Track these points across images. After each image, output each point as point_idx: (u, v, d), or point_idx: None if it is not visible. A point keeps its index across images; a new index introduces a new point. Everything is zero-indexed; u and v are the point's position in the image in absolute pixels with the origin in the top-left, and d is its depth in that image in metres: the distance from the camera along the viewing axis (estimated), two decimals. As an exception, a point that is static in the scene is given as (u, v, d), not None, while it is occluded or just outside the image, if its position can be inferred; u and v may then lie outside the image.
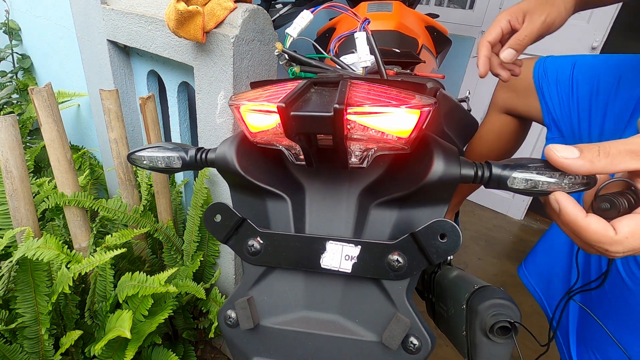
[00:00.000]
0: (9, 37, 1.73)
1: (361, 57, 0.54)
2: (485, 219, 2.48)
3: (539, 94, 0.90)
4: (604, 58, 0.82)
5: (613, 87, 0.76)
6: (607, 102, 0.75)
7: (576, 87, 0.83)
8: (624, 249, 0.34)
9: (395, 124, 0.38)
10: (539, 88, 0.90)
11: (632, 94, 0.71)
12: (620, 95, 0.74)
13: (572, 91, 0.83)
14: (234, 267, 1.19)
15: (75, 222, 1.06)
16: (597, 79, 0.79)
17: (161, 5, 0.99)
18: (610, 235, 0.34)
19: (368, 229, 0.45)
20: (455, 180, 0.41)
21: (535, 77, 0.90)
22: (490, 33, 0.62)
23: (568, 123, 0.84)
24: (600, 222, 0.35)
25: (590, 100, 0.79)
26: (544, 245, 0.88)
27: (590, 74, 0.81)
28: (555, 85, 0.86)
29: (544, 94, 0.88)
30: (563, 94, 0.85)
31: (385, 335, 0.43)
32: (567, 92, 0.84)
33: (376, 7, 1.20)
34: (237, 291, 0.49)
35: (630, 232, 0.34)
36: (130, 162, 0.53)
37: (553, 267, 0.82)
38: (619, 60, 0.79)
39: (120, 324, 0.86)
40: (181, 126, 1.19)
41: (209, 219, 0.48)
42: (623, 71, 0.75)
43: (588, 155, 0.34)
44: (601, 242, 0.35)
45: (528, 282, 0.89)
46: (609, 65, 0.79)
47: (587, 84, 0.81)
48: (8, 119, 0.87)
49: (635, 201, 0.35)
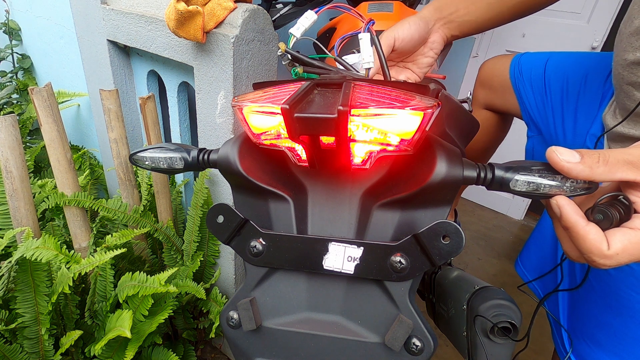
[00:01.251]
0: (9, 37, 1.72)
1: (365, 58, 0.54)
2: (485, 219, 2.48)
3: (516, 92, 0.90)
4: (572, 55, 0.83)
5: (581, 84, 0.77)
6: (577, 99, 0.77)
7: (548, 85, 0.83)
8: (611, 263, 0.36)
9: (398, 126, 0.38)
10: (515, 86, 0.90)
11: (598, 90, 0.73)
12: (588, 92, 0.75)
13: (545, 90, 0.84)
14: (234, 267, 1.19)
15: (75, 222, 1.06)
16: (567, 77, 0.80)
17: (161, 5, 0.99)
18: (603, 249, 0.35)
19: (370, 230, 0.45)
20: (458, 181, 0.41)
21: (512, 76, 0.91)
22: None
23: (544, 121, 0.85)
24: (598, 233, 0.35)
25: (562, 98, 0.80)
26: (537, 239, 0.89)
27: (560, 72, 0.82)
28: (530, 83, 0.87)
29: (521, 93, 0.89)
30: (537, 93, 0.86)
31: (387, 337, 0.43)
32: (540, 91, 0.85)
33: (377, 8, 1.20)
34: (240, 292, 0.49)
35: (621, 249, 0.35)
36: (132, 162, 0.53)
37: (546, 260, 0.83)
38: (586, 57, 0.80)
39: (120, 324, 0.86)
40: (181, 126, 1.19)
41: (211, 219, 0.48)
42: (589, 68, 0.77)
43: (588, 161, 0.34)
44: (592, 253, 0.36)
45: (525, 277, 0.90)
46: (577, 62, 0.80)
47: (558, 82, 0.82)
48: (8, 119, 0.87)
49: (625, 213, 0.36)
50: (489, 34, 2.30)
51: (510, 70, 0.91)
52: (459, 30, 0.66)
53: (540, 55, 0.88)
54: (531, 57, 0.90)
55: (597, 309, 0.66)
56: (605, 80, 0.73)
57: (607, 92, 0.71)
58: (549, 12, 2.03)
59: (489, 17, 0.65)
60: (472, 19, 0.64)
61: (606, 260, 0.35)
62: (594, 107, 0.73)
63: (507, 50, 2.24)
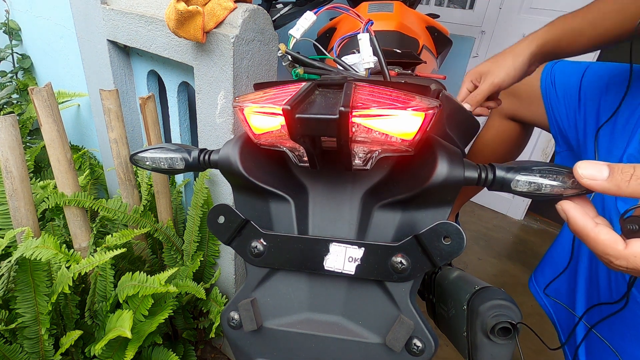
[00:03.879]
0: (9, 37, 1.72)
1: (364, 58, 0.54)
2: (485, 219, 2.48)
3: (545, 103, 0.85)
4: (612, 67, 0.77)
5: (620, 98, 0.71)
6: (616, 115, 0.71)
7: (584, 97, 0.78)
8: (627, 265, 0.34)
9: (399, 126, 0.38)
10: (545, 96, 0.85)
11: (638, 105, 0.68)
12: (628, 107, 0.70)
13: (579, 102, 0.78)
14: (234, 267, 1.19)
15: (75, 222, 1.06)
16: (604, 90, 0.75)
17: (161, 5, 0.99)
18: (618, 248, 0.34)
19: (371, 230, 0.45)
20: (459, 182, 0.41)
21: (543, 84, 0.86)
22: (460, 93, 0.77)
23: (575, 136, 0.79)
24: (609, 233, 0.34)
25: (598, 113, 0.75)
26: (550, 256, 0.84)
27: (598, 84, 0.76)
28: (563, 95, 0.82)
29: (551, 104, 0.84)
30: (570, 105, 0.80)
31: (388, 337, 0.43)
32: (574, 103, 0.80)
33: (377, 8, 1.20)
34: (240, 293, 0.49)
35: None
36: (132, 163, 0.53)
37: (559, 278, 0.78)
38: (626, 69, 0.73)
39: (120, 324, 0.86)
40: (181, 126, 1.19)
41: (212, 220, 0.48)
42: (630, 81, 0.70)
43: (617, 178, 0.32)
44: (608, 253, 0.34)
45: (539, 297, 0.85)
46: (617, 74, 0.75)
47: (594, 94, 0.76)
48: (8, 119, 0.87)
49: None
50: (488, 34, 2.30)
51: (541, 78, 0.86)
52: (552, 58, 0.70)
53: (577, 65, 0.82)
54: (566, 65, 0.84)
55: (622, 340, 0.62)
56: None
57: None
58: (548, 12, 2.04)
59: (584, 50, 0.67)
60: (569, 51, 0.67)
61: (622, 261, 0.34)
62: (631, 124, 0.67)
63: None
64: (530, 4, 2.09)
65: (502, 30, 2.24)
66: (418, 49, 1.13)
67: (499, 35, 2.27)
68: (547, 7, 2.04)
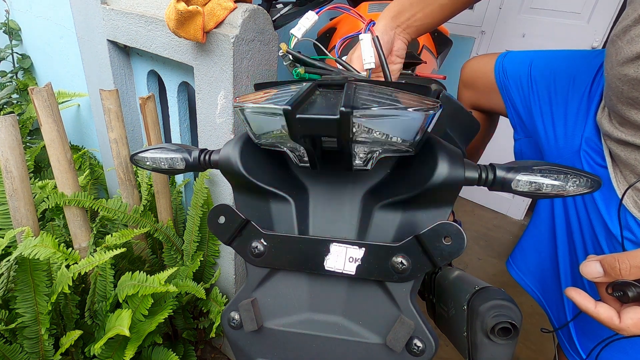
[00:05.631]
0: (9, 37, 1.72)
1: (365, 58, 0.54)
2: (485, 219, 2.48)
3: (502, 92, 0.88)
4: (558, 54, 0.80)
5: (569, 84, 0.74)
6: (567, 100, 0.74)
7: (535, 86, 0.80)
8: (628, 334, 0.42)
9: (400, 127, 0.38)
10: (500, 87, 0.88)
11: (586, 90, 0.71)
12: (577, 92, 0.72)
13: (532, 91, 0.81)
14: (234, 267, 1.19)
15: (75, 222, 1.06)
16: (554, 77, 0.77)
17: (161, 5, 0.99)
18: (615, 323, 0.42)
19: (372, 231, 0.45)
20: (460, 182, 0.41)
21: (497, 76, 0.88)
22: None
23: (532, 123, 0.82)
24: (608, 311, 0.43)
25: (550, 100, 0.77)
26: (531, 239, 0.86)
27: (547, 72, 0.79)
28: (515, 84, 0.84)
29: (506, 94, 0.86)
30: (524, 94, 0.83)
31: (389, 338, 0.43)
32: (527, 92, 0.82)
33: (377, 8, 1.20)
34: (241, 293, 0.49)
35: (633, 324, 0.41)
36: (133, 163, 0.53)
37: (541, 263, 0.81)
38: (572, 55, 0.78)
39: (119, 323, 0.86)
40: (181, 126, 1.19)
41: (212, 220, 0.48)
42: (576, 67, 0.74)
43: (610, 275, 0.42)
44: (609, 326, 0.43)
45: (520, 278, 0.88)
46: (564, 62, 0.77)
47: (544, 82, 0.79)
48: (8, 119, 0.87)
49: None
50: (488, 34, 2.29)
51: (495, 70, 0.89)
52: (417, 33, 0.69)
53: (525, 55, 0.85)
54: (515, 56, 0.87)
55: None
56: (593, 80, 0.71)
57: (596, 92, 0.69)
58: (548, 12, 2.04)
59: (442, 17, 0.68)
60: (428, 21, 0.67)
61: (623, 332, 0.42)
62: (584, 108, 0.70)
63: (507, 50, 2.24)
64: (530, 4, 2.09)
65: (502, 30, 2.24)
66: (418, 49, 1.13)
67: (499, 35, 2.27)
68: (547, 7, 2.04)
